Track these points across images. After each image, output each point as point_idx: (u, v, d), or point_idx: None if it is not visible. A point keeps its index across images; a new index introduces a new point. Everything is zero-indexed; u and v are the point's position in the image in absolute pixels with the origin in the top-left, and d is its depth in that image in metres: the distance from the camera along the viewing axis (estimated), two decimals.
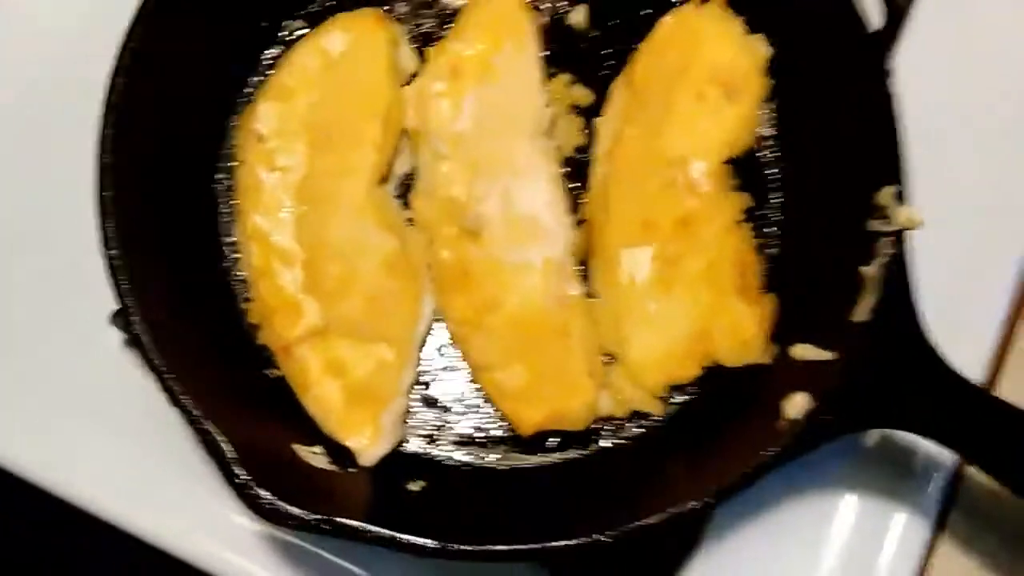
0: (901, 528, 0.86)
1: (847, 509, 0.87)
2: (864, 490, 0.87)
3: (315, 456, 0.80)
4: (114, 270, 0.77)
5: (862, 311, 0.78)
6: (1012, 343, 0.92)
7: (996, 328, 0.90)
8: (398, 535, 0.71)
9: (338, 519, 0.71)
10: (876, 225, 0.80)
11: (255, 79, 0.93)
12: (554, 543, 0.71)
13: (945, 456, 0.83)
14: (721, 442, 0.79)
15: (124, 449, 0.88)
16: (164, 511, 0.86)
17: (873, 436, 0.87)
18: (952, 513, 0.87)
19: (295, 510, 0.71)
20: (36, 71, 0.98)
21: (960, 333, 0.80)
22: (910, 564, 0.85)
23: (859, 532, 0.86)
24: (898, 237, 0.78)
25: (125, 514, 0.86)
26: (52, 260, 0.92)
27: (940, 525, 0.87)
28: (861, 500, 0.87)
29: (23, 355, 0.91)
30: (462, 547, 0.71)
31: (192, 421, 0.74)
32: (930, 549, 0.87)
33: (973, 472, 0.85)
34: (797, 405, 0.76)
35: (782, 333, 0.84)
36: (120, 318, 0.86)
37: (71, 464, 0.87)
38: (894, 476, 0.86)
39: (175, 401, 0.74)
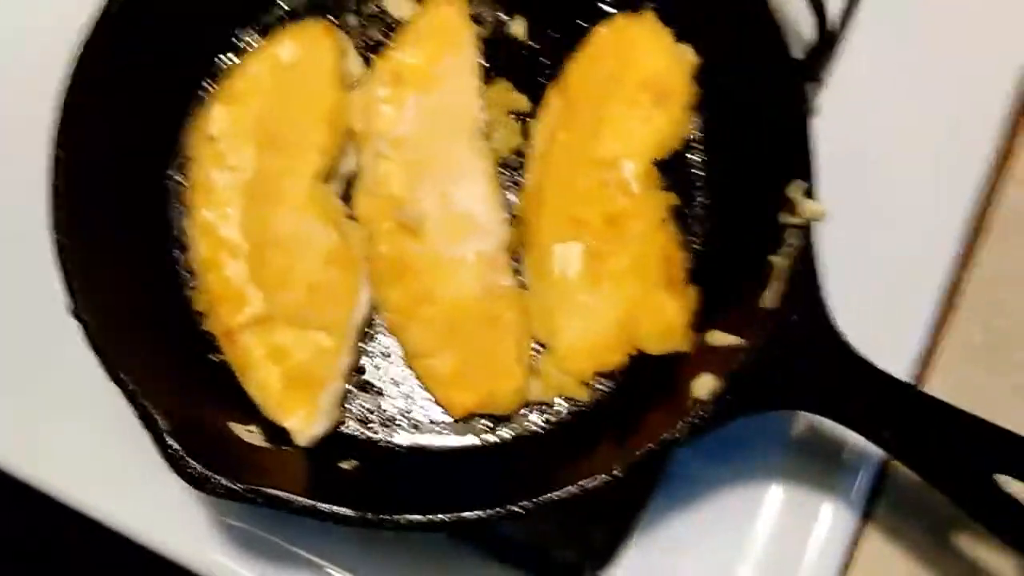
0: (829, 518, 0.89)
1: (775, 499, 0.90)
2: (792, 480, 0.90)
3: (250, 434, 0.84)
4: (61, 255, 0.82)
5: (770, 299, 0.82)
6: (940, 341, 0.95)
7: (924, 325, 0.93)
8: (320, 504, 0.74)
9: (265, 489, 0.75)
10: (786, 218, 0.84)
11: (209, 84, 0.98)
12: (468, 513, 0.74)
13: (872, 447, 0.86)
14: (638, 423, 0.83)
15: (84, 435, 0.92)
16: (122, 496, 0.90)
17: (800, 426, 0.90)
18: (878, 503, 0.90)
19: (223, 480, 0.75)
20: None
21: (889, 331, 0.85)
22: (836, 553, 0.88)
23: (786, 522, 0.89)
24: (805, 229, 0.82)
25: (83, 499, 0.90)
26: (14, 254, 0.97)
27: (866, 515, 0.90)
28: (789, 490, 0.90)
29: None
30: (381, 516, 0.74)
31: (129, 395, 0.78)
32: (856, 539, 0.90)
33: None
34: (704, 386, 0.80)
35: (701, 322, 0.88)
36: None
37: (33, 450, 0.92)
38: (822, 466, 0.89)
39: (113, 377, 0.78)
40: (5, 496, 0.94)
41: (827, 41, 1.01)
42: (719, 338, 0.84)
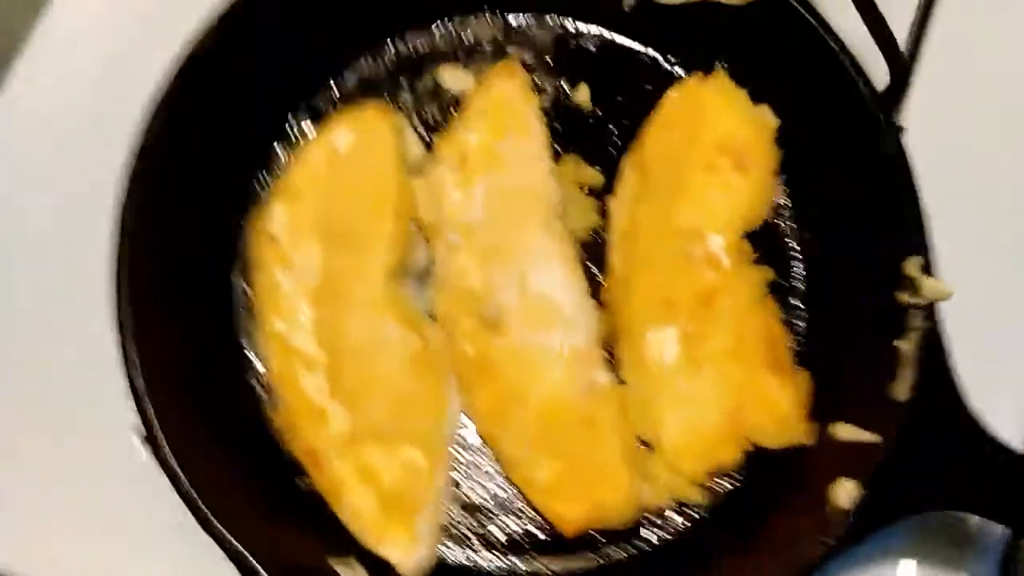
0: None
1: None
2: (921, 562, 0.84)
3: (353, 571, 0.77)
4: (136, 394, 0.75)
5: (901, 389, 0.77)
6: None
7: None
8: None
9: None
10: (905, 298, 0.79)
11: (265, 178, 0.91)
12: None
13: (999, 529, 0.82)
14: (768, 533, 0.78)
15: (155, 565, 0.85)
16: None
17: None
18: None
19: None
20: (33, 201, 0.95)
21: (998, 399, 0.80)
22: None
23: None
24: (929, 310, 0.78)
25: None
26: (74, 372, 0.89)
27: None
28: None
29: (48, 471, 0.88)
30: None
31: (224, 544, 0.71)
32: None
33: None
34: (846, 492, 0.75)
35: (821, 411, 0.83)
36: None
37: None
38: (949, 549, 0.84)
39: (205, 525, 0.72)
40: None
41: (900, 82, 0.95)
42: (847, 432, 0.79)
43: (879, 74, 0.87)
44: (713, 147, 0.91)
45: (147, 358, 0.78)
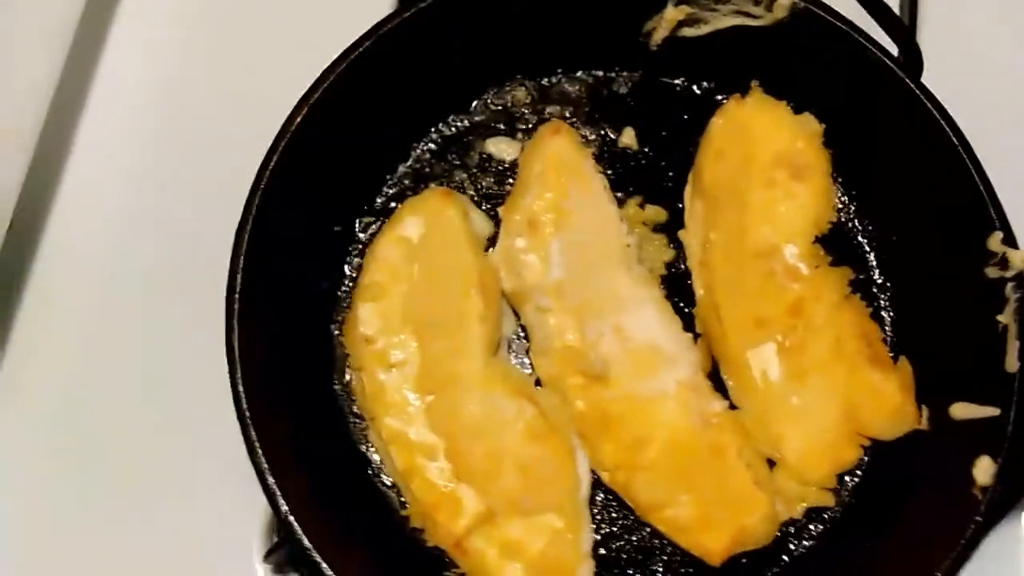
0: None
1: None
2: None
3: None
4: (280, 515, 0.77)
5: (1011, 359, 0.79)
6: None
7: None
8: None
9: None
10: (995, 272, 0.81)
11: (344, 284, 0.93)
12: None
13: None
14: (911, 521, 0.79)
15: None
16: None
17: None
18: None
19: None
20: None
21: None
22: None
23: None
24: (1022, 279, 0.80)
25: None
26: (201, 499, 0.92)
27: None
28: None
29: None
30: None
31: None
32: None
33: None
34: (982, 469, 0.76)
35: (932, 395, 0.84)
36: (274, 555, 0.86)
37: None
38: None
39: None
40: None
41: (913, 59, 0.98)
42: (964, 410, 0.81)
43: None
44: (768, 163, 0.93)
45: (280, 479, 0.79)
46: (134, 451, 0.93)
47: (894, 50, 0.90)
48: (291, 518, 0.77)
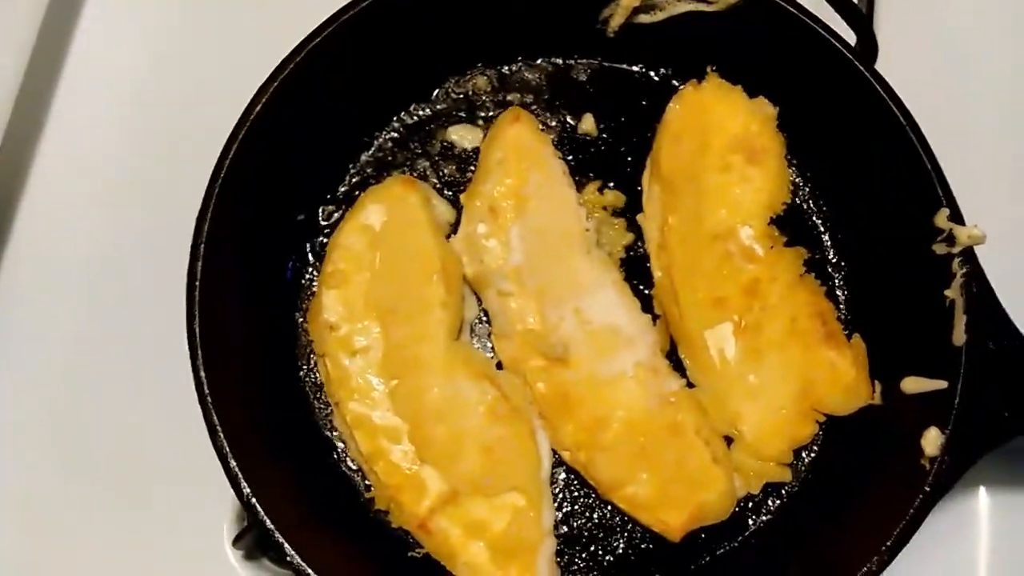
0: None
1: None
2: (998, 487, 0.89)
3: None
4: (242, 498, 0.78)
5: (958, 333, 0.80)
6: None
7: None
8: None
9: None
10: (942, 248, 0.83)
11: (305, 271, 0.94)
12: None
13: None
14: (865, 493, 0.81)
15: None
16: None
17: None
18: None
19: None
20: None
21: None
22: None
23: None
24: (968, 254, 0.81)
25: None
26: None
27: None
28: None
29: None
30: None
31: None
32: None
33: None
34: (930, 441, 0.78)
35: (883, 371, 0.86)
36: (243, 540, 0.87)
37: None
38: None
39: None
40: None
41: (868, 44, 0.99)
42: (915, 384, 0.83)
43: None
44: (724, 147, 0.95)
45: (243, 463, 0.80)
46: (106, 440, 0.95)
47: (852, 36, 0.92)
48: (253, 500, 0.78)
